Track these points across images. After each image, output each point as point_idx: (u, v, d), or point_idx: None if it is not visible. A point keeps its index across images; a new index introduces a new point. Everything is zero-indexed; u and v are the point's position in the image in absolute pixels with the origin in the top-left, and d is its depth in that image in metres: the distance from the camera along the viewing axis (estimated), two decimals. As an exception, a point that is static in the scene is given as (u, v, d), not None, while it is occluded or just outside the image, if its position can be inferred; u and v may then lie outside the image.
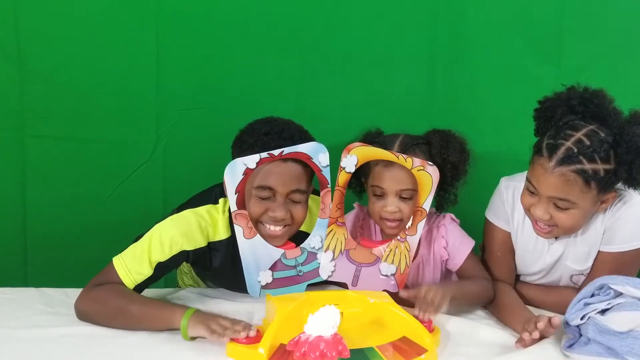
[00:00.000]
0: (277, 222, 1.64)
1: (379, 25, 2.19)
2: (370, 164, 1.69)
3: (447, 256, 1.78)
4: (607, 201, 1.64)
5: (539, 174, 1.60)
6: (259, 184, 1.62)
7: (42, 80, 2.19)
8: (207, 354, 1.46)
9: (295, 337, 1.39)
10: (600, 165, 1.55)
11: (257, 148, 1.61)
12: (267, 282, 1.62)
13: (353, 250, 1.67)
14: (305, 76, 2.21)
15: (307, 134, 1.69)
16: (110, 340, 1.52)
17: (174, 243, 1.66)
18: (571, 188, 1.57)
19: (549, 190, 1.59)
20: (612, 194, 1.63)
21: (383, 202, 1.68)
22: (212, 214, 1.72)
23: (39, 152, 2.23)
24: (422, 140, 1.73)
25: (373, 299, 1.58)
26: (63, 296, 1.75)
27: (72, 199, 2.23)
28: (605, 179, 1.57)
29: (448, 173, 1.72)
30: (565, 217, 1.61)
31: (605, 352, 1.45)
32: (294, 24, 2.19)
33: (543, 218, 1.63)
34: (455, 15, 2.18)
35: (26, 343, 1.50)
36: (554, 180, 1.57)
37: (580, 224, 1.66)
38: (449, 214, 1.81)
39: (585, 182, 1.56)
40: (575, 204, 1.59)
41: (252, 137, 1.65)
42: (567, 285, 1.81)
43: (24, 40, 2.17)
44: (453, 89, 2.21)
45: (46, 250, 2.28)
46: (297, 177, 1.64)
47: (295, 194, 1.64)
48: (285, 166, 1.62)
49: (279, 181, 1.62)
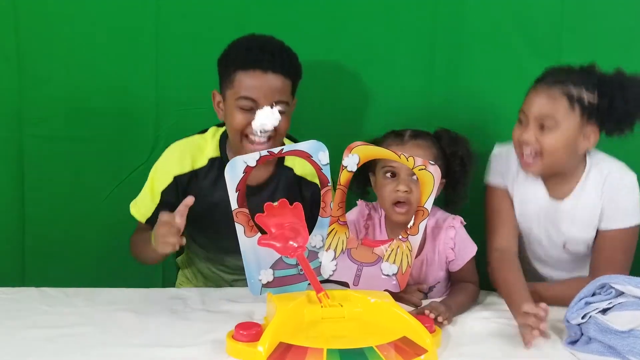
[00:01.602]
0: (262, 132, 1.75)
1: (379, 25, 2.18)
2: (382, 146, 1.72)
3: (453, 257, 1.82)
4: (588, 137, 1.76)
5: (529, 98, 1.78)
6: (242, 94, 1.75)
7: (40, 81, 2.18)
8: (209, 353, 1.46)
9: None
10: (584, 93, 1.73)
11: (238, 62, 1.76)
12: (268, 281, 1.61)
13: (355, 249, 1.67)
14: (304, 76, 2.20)
15: (289, 51, 1.81)
16: (111, 340, 1.52)
17: (168, 168, 1.86)
18: (557, 105, 1.73)
19: (537, 108, 1.75)
20: (594, 129, 1.76)
21: (395, 184, 1.73)
22: (198, 141, 1.90)
23: (37, 152, 2.22)
24: (431, 134, 1.84)
25: (374, 298, 1.58)
26: (63, 296, 1.75)
27: (71, 199, 2.22)
28: (588, 108, 1.73)
29: (457, 168, 1.80)
30: (549, 140, 1.74)
31: (606, 351, 1.46)
32: (294, 24, 2.18)
33: (530, 140, 1.75)
34: (454, 15, 2.17)
35: (26, 343, 1.49)
36: (541, 98, 1.75)
37: (563, 154, 1.77)
38: (459, 217, 1.84)
39: (570, 103, 1.73)
40: (560, 124, 1.73)
41: (234, 52, 1.80)
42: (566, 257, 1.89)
43: (23, 40, 2.16)
44: (452, 89, 2.20)
45: (44, 250, 2.26)
46: (279, 90, 1.76)
47: (277, 106, 1.75)
48: (267, 78, 1.75)
49: (261, 93, 1.74)
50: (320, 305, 1.55)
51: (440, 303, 1.66)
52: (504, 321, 1.65)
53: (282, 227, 1.60)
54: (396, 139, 1.81)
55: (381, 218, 1.88)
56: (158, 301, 1.75)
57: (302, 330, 1.48)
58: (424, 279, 1.84)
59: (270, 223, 1.60)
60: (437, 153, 1.80)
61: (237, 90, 1.76)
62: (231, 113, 1.79)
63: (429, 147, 1.79)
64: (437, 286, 1.87)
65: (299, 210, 1.62)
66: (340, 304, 1.56)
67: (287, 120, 1.81)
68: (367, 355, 1.39)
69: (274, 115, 1.75)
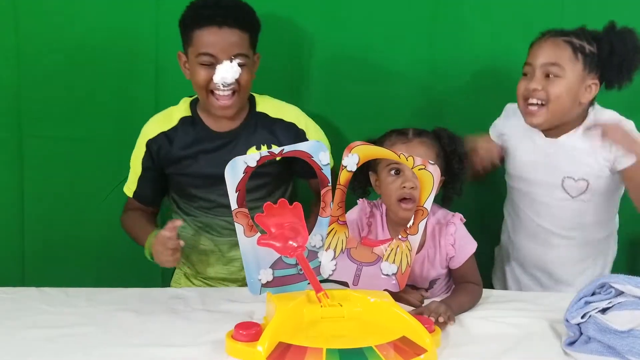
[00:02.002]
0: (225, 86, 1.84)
1: (378, 25, 2.19)
2: (385, 145, 1.77)
3: (453, 253, 1.83)
4: (590, 89, 1.86)
5: (535, 49, 1.89)
6: (201, 51, 1.83)
7: (40, 81, 2.19)
8: (209, 352, 1.46)
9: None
10: (586, 44, 1.84)
11: (195, 21, 1.85)
12: (268, 281, 1.61)
13: (354, 249, 1.67)
14: (303, 75, 2.21)
15: (244, 5, 1.89)
16: (111, 339, 1.52)
17: (142, 139, 1.98)
18: (562, 52, 1.84)
19: (542, 57, 1.86)
20: (596, 82, 1.86)
21: (401, 180, 1.76)
22: (169, 109, 2.01)
23: (36, 152, 2.23)
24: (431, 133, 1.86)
25: (373, 298, 1.58)
26: (63, 295, 1.75)
27: (70, 199, 2.22)
28: (590, 57, 1.84)
29: (455, 165, 1.83)
30: (554, 87, 1.84)
31: (605, 351, 1.46)
32: (293, 24, 2.19)
33: (536, 87, 1.84)
34: (454, 14, 2.18)
35: (26, 343, 1.49)
36: (546, 47, 1.86)
37: (567, 101, 1.85)
38: (459, 214, 1.85)
39: (573, 51, 1.84)
40: (564, 71, 1.84)
41: (191, 12, 1.88)
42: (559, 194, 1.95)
43: (23, 40, 2.17)
44: (452, 89, 2.21)
45: (44, 250, 2.27)
46: (236, 43, 1.84)
47: (236, 59, 1.83)
48: (222, 33, 1.83)
49: (218, 48, 1.82)
50: (319, 305, 1.55)
51: (441, 302, 1.66)
52: (504, 321, 1.65)
53: (281, 227, 1.60)
54: (400, 137, 1.82)
55: (383, 215, 1.89)
56: (158, 301, 1.75)
57: (301, 330, 1.48)
58: (425, 276, 1.85)
59: (269, 223, 1.60)
60: (439, 151, 1.82)
61: (197, 48, 1.85)
62: (194, 70, 1.88)
63: (431, 145, 1.81)
64: (437, 282, 1.88)
65: (298, 210, 1.62)
66: (340, 304, 1.56)
67: (249, 73, 1.89)
68: (367, 355, 1.39)
69: (234, 68, 1.84)
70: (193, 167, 1.97)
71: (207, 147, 1.96)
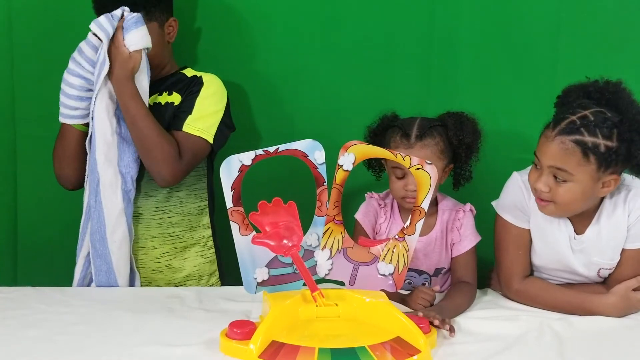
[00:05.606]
0: None
1: (377, 24, 2.19)
2: (390, 147, 1.78)
3: (458, 239, 1.87)
4: (608, 184, 1.67)
5: (542, 143, 1.67)
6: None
7: (34, 80, 2.19)
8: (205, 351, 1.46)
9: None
10: (601, 140, 1.60)
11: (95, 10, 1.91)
12: (264, 279, 1.61)
13: (350, 248, 1.66)
14: (302, 75, 2.21)
15: None
16: (109, 339, 1.52)
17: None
18: (569, 158, 1.62)
19: (549, 159, 1.64)
20: (614, 176, 1.65)
21: (404, 182, 1.80)
22: None
23: (30, 152, 2.23)
24: (438, 122, 1.85)
25: (369, 298, 1.58)
26: (59, 294, 1.75)
27: (64, 199, 2.21)
28: (605, 155, 1.61)
29: (463, 153, 1.85)
30: (563, 192, 1.65)
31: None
32: (291, 23, 2.19)
33: (543, 190, 1.67)
34: (451, 14, 2.17)
35: (23, 342, 1.49)
36: (553, 149, 1.63)
37: (578, 203, 1.69)
38: (470, 204, 1.90)
39: (584, 154, 1.61)
40: (573, 177, 1.63)
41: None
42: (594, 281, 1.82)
43: (17, 40, 2.18)
44: (449, 89, 2.20)
45: (37, 251, 2.27)
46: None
47: None
48: None
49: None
50: (315, 304, 1.55)
51: (433, 307, 1.66)
52: (500, 321, 1.65)
53: (276, 226, 1.60)
54: (403, 140, 1.81)
55: (393, 202, 1.94)
56: (155, 300, 1.75)
57: (296, 329, 1.48)
58: (429, 261, 1.90)
59: (264, 221, 1.59)
60: (444, 145, 1.82)
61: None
62: None
63: (435, 144, 1.81)
64: (442, 271, 1.91)
65: (293, 209, 1.62)
66: (335, 303, 1.56)
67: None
68: (359, 355, 1.39)
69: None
70: None
71: None
